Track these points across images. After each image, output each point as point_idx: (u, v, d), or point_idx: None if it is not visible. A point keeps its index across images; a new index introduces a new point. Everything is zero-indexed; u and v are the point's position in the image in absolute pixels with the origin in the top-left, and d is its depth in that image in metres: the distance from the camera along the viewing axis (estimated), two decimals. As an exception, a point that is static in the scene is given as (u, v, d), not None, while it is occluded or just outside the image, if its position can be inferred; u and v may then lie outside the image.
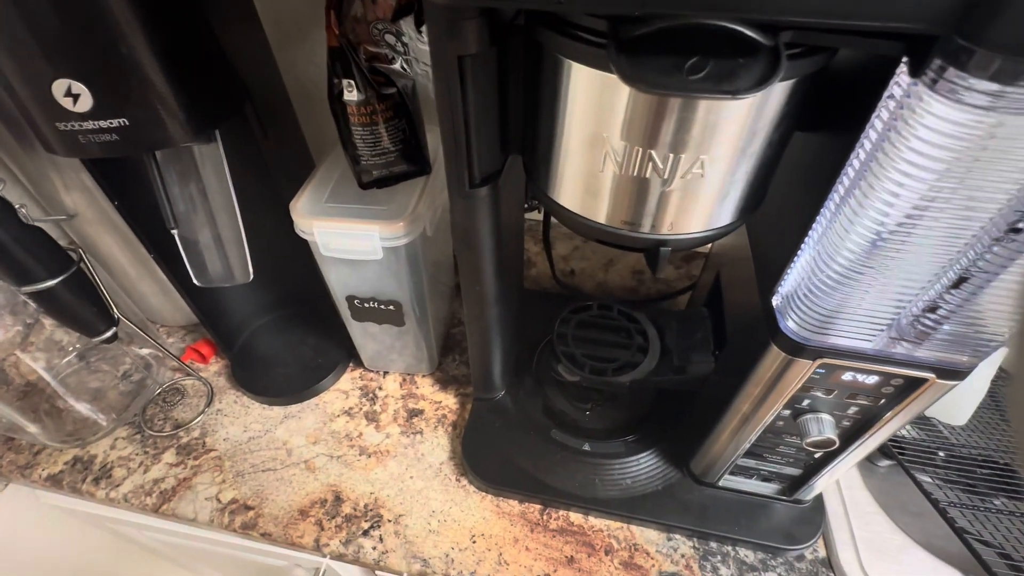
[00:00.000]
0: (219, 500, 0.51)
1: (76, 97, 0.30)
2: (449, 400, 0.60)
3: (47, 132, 0.33)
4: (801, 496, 0.47)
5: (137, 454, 0.55)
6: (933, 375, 0.31)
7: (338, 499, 0.51)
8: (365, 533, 0.49)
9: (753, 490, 0.49)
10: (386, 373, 0.63)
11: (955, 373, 0.31)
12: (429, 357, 0.60)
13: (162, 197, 0.39)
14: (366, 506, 0.51)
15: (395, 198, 0.46)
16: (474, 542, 0.48)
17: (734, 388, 0.40)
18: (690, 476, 0.50)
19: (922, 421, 0.65)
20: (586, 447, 0.52)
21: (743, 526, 0.48)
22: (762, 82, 0.20)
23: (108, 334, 0.48)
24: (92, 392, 0.60)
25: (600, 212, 0.31)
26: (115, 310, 0.48)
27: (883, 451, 0.59)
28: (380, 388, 0.61)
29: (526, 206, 0.52)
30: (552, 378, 0.57)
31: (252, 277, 0.47)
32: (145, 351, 0.63)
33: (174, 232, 0.42)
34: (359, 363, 0.63)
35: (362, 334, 0.58)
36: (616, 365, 0.50)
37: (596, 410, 0.55)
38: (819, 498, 0.49)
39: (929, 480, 0.56)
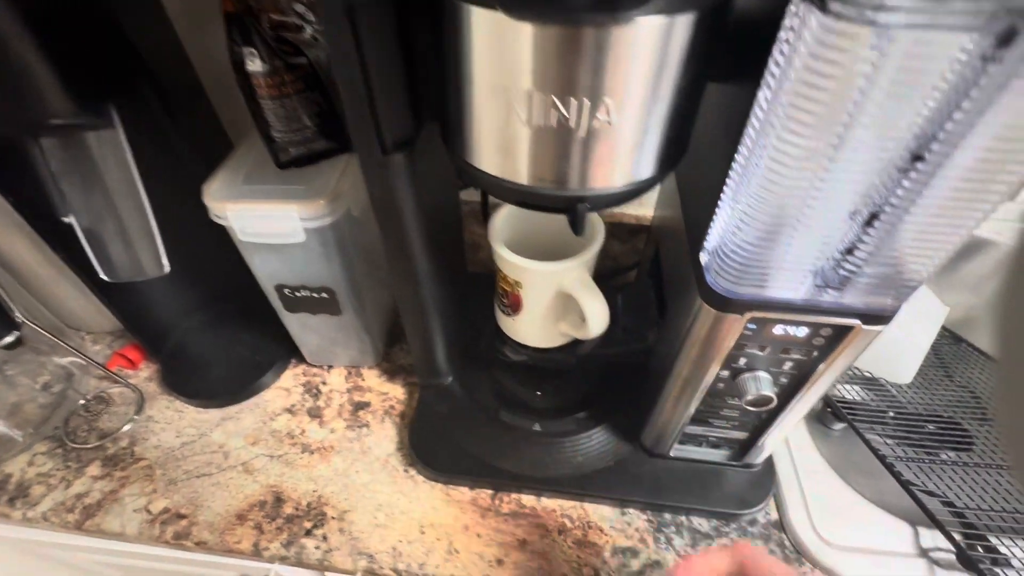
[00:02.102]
0: (149, 511, 0.48)
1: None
2: (397, 391, 0.58)
3: None
4: (751, 460, 0.47)
5: (58, 469, 0.51)
6: (858, 321, 0.31)
7: (279, 500, 0.49)
8: (308, 533, 0.46)
9: (704, 458, 0.48)
10: (330, 367, 0.60)
11: (879, 318, 0.31)
12: (374, 348, 0.58)
13: (50, 184, 0.36)
14: (309, 505, 0.48)
15: (318, 178, 0.43)
16: (423, 533, 0.46)
17: (674, 354, 0.39)
18: (642, 449, 0.50)
19: (871, 383, 0.66)
20: (536, 427, 0.51)
21: (696, 495, 0.47)
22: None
23: (8, 340, 0.44)
24: (9, 407, 0.56)
25: (514, 171, 0.29)
26: (16, 314, 0.44)
27: (835, 414, 0.60)
28: (324, 383, 0.59)
29: (461, 183, 0.51)
30: (501, 361, 0.56)
31: (168, 270, 0.44)
32: (66, 360, 0.59)
33: (70, 221, 0.38)
34: (302, 359, 0.60)
35: (300, 327, 0.55)
36: (562, 342, 0.49)
37: (546, 389, 0.54)
38: (769, 461, 0.49)
39: (879, 439, 0.57)
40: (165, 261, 0.44)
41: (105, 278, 0.43)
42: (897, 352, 0.64)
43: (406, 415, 0.55)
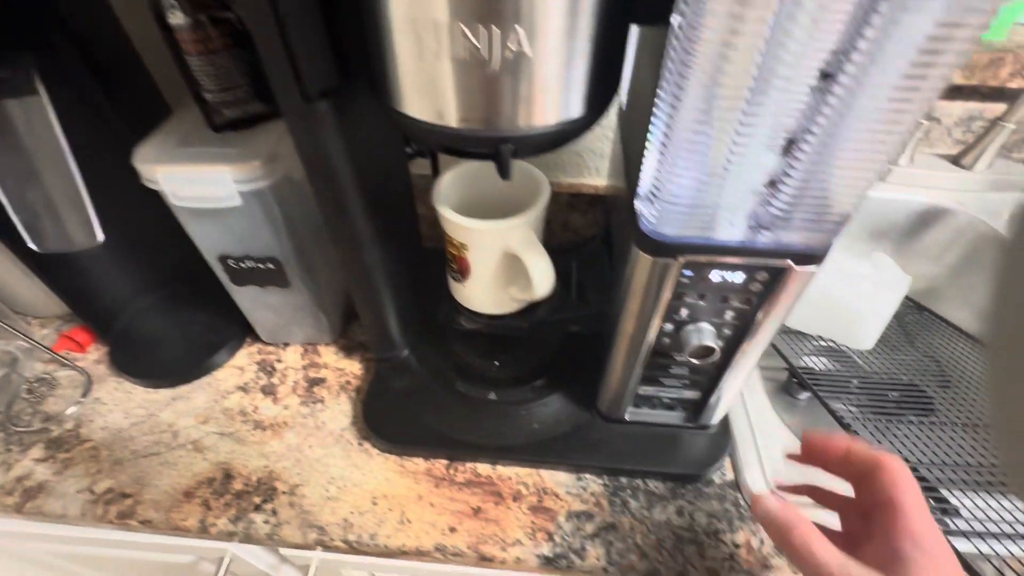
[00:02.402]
0: (92, 491, 0.47)
1: None
2: (354, 367, 0.57)
3: None
4: (706, 421, 0.47)
5: (-1, 453, 0.50)
6: (790, 261, 0.31)
7: (228, 476, 0.47)
8: (257, 508, 0.45)
9: (659, 420, 0.48)
10: (286, 345, 0.59)
11: (810, 257, 0.31)
12: (330, 324, 0.57)
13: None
14: (259, 480, 0.47)
15: (256, 141, 0.42)
16: (375, 504, 0.45)
17: (619, 310, 0.39)
18: (598, 415, 0.49)
19: (836, 354, 0.67)
20: (492, 396, 0.50)
21: (651, 458, 0.47)
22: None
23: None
24: (-51, 394, 0.54)
25: (435, 112, 0.29)
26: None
27: (801, 384, 0.60)
28: (279, 360, 0.57)
29: (409, 151, 0.50)
30: (458, 332, 0.55)
31: (101, 239, 0.42)
32: (10, 344, 0.57)
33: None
34: (257, 338, 0.59)
35: (251, 304, 0.54)
36: (516, 309, 0.49)
37: (503, 360, 0.53)
38: (725, 423, 0.49)
39: (843, 407, 0.57)
40: (98, 231, 0.42)
41: (34, 248, 0.41)
42: (858, 319, 0.65)
43: (362, 390, 0.54)
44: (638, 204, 0.32)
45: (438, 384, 0.52)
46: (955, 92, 0.70)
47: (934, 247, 0.75)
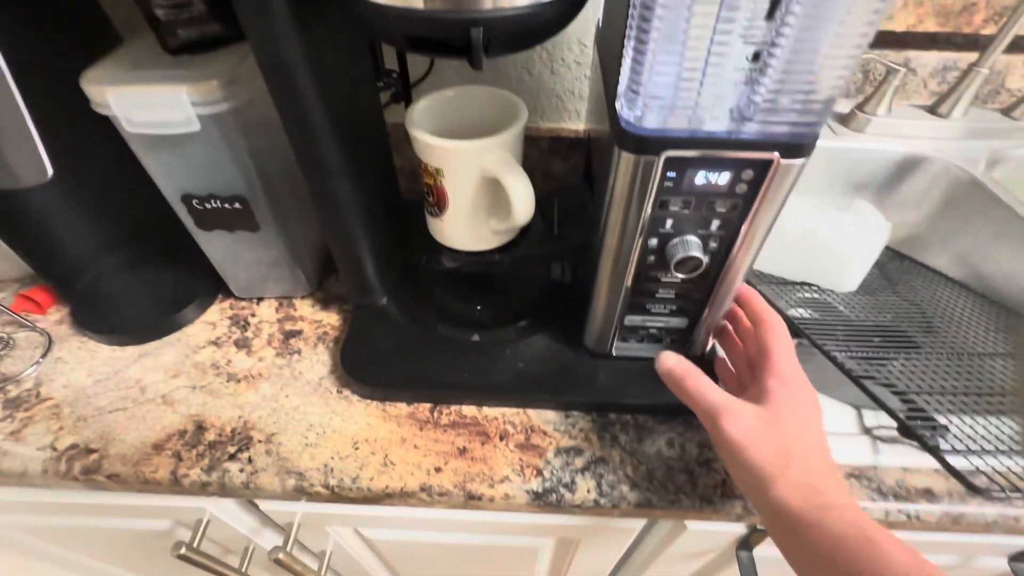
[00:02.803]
0: (55, 448, 0.44)
1: None
2: (331, 318, 0.55)
3: None
4: (695, 352, 0.46)
5: (-48, 416, 0.47)
6: (777, 153, 0.30)
7: (200, 428, 0.45)
8: (232, 457, 0.43)
9: (646, 354, 0.46)
10: (260, 300, 0.57)
11: (797, 148, 0.30)
12: (306, 277, 0.55)
13: None
14: (233, 430, 0.45)
15: (214, 64, 0.39)
16: (356, 448, 0.44)
17: (602, 228, 0.37)
18: (585, 352, 0.48)
19: (820, 305, 0.67)
20: (475, 338, 0.49)
21: (640, 392, 0.46)
22: None
23: None
24: (-102, 360, 0.50)
25: (401, -6, 0.27)
26: None
27: (793, 331, 0.60)
28: (253, 315, 0.55)
29: (380, 84, 0.48)
30: (438, 276, 0.54)
31: (51, 174, 0.40)
32: (-37, 306, 0.53)
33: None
34: (230, 294, 0.57)
35: (223, 256, 0.52)
36: (497, 245, 0.47)
37: (486, 302, 0.52)
38: (713, 355, 0.48)
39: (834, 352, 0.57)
40: (47, 165, 0.39)
41: (-23, 184, 0.39)
42: (841, 261, 0.65)
43: (341, 340, 0.52)
44: (618, 104, 0.31)
45: (419, 329, 0.50)
46: (930, 42, 0.71)
47: (913, 195, 0.75)
